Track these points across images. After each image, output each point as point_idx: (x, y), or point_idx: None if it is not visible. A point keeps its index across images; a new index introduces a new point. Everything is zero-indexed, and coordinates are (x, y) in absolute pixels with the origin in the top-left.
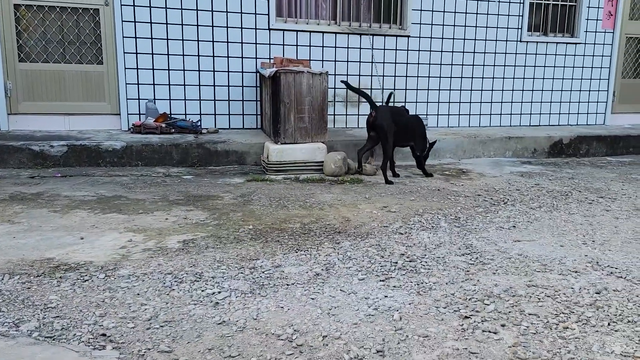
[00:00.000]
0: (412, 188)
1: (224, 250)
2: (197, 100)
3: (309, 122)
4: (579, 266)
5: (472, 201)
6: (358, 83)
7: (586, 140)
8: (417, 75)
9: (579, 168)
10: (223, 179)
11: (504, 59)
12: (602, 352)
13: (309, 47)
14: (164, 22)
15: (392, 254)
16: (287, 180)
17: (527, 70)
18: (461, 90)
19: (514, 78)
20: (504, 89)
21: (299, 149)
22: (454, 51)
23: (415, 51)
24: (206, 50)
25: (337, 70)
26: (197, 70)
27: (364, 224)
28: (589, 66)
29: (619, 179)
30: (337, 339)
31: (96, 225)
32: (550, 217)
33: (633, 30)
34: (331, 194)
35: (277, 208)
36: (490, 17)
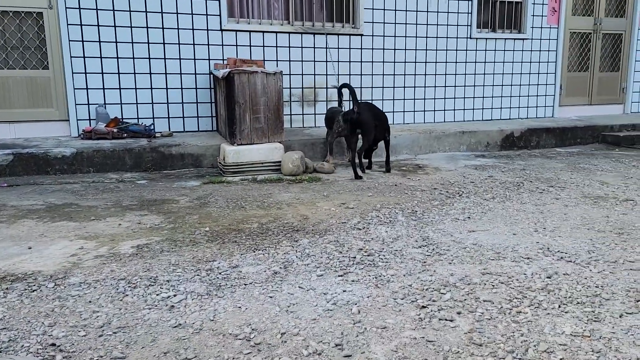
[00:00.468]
0: (369, 184)
1: (180, 253)
2: (149, 103)
3: (265, 122)
4: (530, 253)
5: (428, 195)
6: (313, 82)
7: (536, 133)
8: (371, 73)
9: (530, 159)
10: (179, 182)
11: (455, 56)
12: (553, 333)
13: (262, 47)
14: (112, 24)
15: (350, 249)
16: (245, 181)
17: (478, 66)
18: (415, 87)
19: (465, 74)
20: (456, 84)
21: (256, 150)
22: (407, 49)
23: (369, 49)
24: (157, 52)
25: (291, 70)
26: (149, 73)
27: (322, 221)
28: (537, 61)
29: (567, 168)
30: (296, 335)
31: (45, 234)
32: (503, 207)
33: (576, 26)
34: (289, 193)
35: (235, 209)
36: (441, 14)
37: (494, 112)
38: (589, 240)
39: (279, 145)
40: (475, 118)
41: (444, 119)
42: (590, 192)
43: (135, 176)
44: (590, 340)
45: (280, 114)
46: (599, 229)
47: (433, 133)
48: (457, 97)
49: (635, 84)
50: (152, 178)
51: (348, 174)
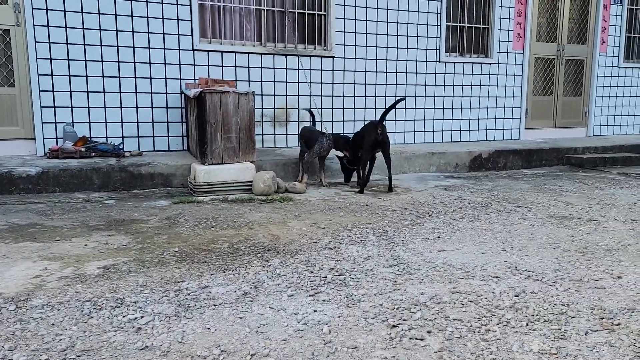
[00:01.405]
0: (341, 204)
1: (148, 274)
2: (119, 122)
3: (236, 142)
4: (499, 271)
5: (399, 215)
6: (285, 103)
7: (503, 154)
8: (342, 95)
9: (497, 180)
10: (148, 202)
11: (424, 79)
12: (521, 351)
13: (234, 67)
14: (82, 42)
15: (321, 268)
16: (216, 201)
17: (447, 89)
18: (376, 108)
19: (434, 97)
20: (426, 107)
21: (227, 169)
22: (377, 71)
23: (340, 71)
24: (127, 71)
25: (264, 90)
26: (119, 92)
27: (293, 241)
28: (503, 84)
29: (534, 189)
30: (266, 357)
31: (7, 255)
32: (472, 227)
33: (540, 51)
34: (260, 212)
35: (205, 229)
36: (410, 38)
37: (463, 134)
38: (555, 259)
39: (250, 165)
40: (444, 140)
41: (414, 140)
42: (555, 212)
43: (103, 196)
44: (557, 357)
45: (252, 134)
46: (565, 248)
47: (403, 154)
48: (427, 118)
49: (596, 108)
50: (120, 198)
51: (320, 194)
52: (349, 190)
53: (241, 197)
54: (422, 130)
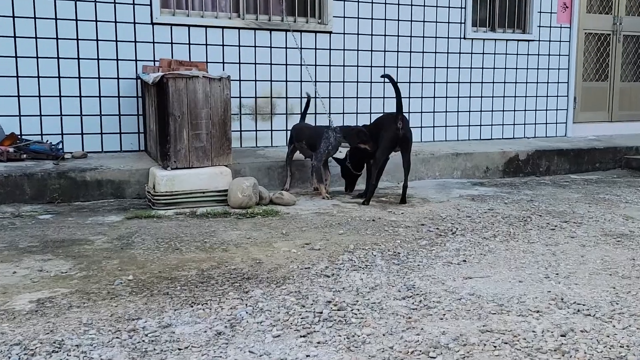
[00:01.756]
0: (341, 219)
1: (94, 309)
2: (57, 115)
3: (207, 140)
4: (541, 305)
5: (414, 232)
6: (270, 90)
7: (546, 156)
8: (342, 80)
9: (538, 188)
10: (94, 217)
11: (446, 60)
12: None
13: (205, 46)
14: (10, 14)
15: (315, 302)
16: (181, 216)
17: (474, 74)
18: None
19: (458, 82)
20: (447, 95)
21: (196, 175)
22: (387, 50)
23: (340, 50)
24: (69, 51)
25: (242, 75)
26: (57, 76)
27: (280, 266)
28: (545, 67)
29: (584, 199)
30: None
31: None
32: (506, 248)
33: (592, 25)
34: (238, 230)
35: (167, 252)
36: (428, 9)
37: (495, 130)
38: (611, 288)
39: (225, 170)
40: (471, 137)
41: (434, 137)
42: (612, 229)
43: (37, 209)
44: None
45: (227, 130)
46: (624, 275)
47: (420, 155)
48: (449, 110)
49: None
50: (59, 212)
51: (314, 206)
52: (351, 202)
53: (213, 210)
54: (443, 125)
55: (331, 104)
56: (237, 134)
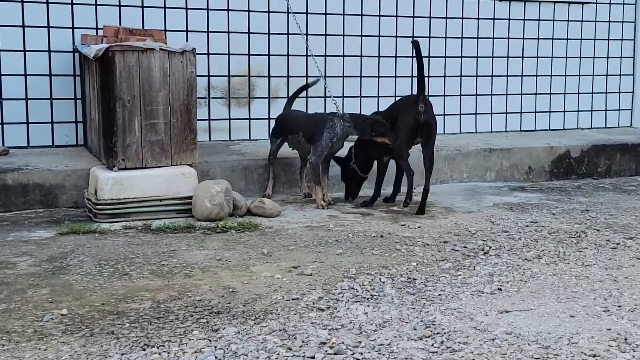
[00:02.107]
0: (339, 235)
1: (16, 353)
2: None
3: (165, 132)
4: (598, 347)
5: (434, 252)
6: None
7: (606, 152)
8: (342, 54)
9: (596, 195)
10: (18, 232)
11: (475, 29)
12: None
13: (163, 9)
14: None
15: (306, 343)
16: (131, 231)
17: (513, 46)
18: (412, 77)
19: (492, 57)
20: (478, 74)
21: (150, 178)
22: (399, 15)
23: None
24: None
25: (211, 47)
26: None
27: (259, 297)
28: (604, 37)
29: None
30: None
31: None
32: (554, 273)
33: None
34: (206, 249)
35: (113, 278)
36: None
37: (539, 119)
38: None
39: (189, 171)
40: (509, 128)
41: (460, 128)
42: None
43: None
44: None
45: (192, 119)
46: None
47: (442, 151)
48: (480, 94)
49: None
50: None
51: (304, 217)
52: (352, 211)
53: (174, 223)
54: (473, 113)
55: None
56: (205, 124)
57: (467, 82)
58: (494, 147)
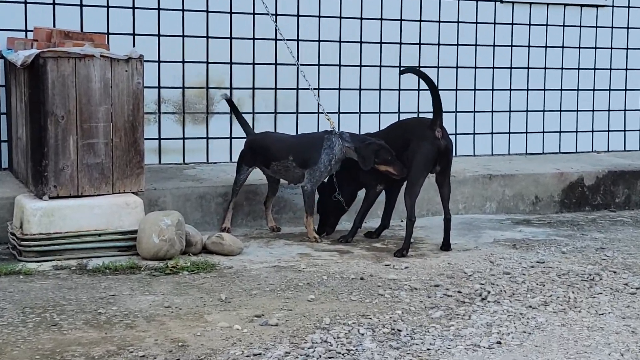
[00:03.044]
0: (311, 277)
1: None
2: None
3: (106, 154)
4: None
5: (423, 298)
6: (206, 77)
7: (625, 179)
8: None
9: (613, 230)
10: None
11: (473, 34)
12: None
13: (105, 8)
14: None
15: None
16: (63, 271)
17: (517, 55)
18: (400, 90)
19: (493, 67)
20: (476, 88)
21: (88, 208)
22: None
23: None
24: None
25: (162, 54)
26: None
27: (215, 352)
28: (623, 46)
29: None
30: None
31: None
32: (563, 322)
33: None
34: (152, 294)
35: (40, 329)
36: None
37: (548, 141)
38: None
39: (134, 200)
40: (512, 150)
41: (455, 151)
42: None
43: None
44: None
45: (138, 139)
46: None
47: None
48: (479, 110)
49: None
50: None
51: (270, 256)
52: (328, 248)
53: (114, 262)
54: (470, 132)
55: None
56: (154, 144)
57: (464, 97)
58: (495, 173)
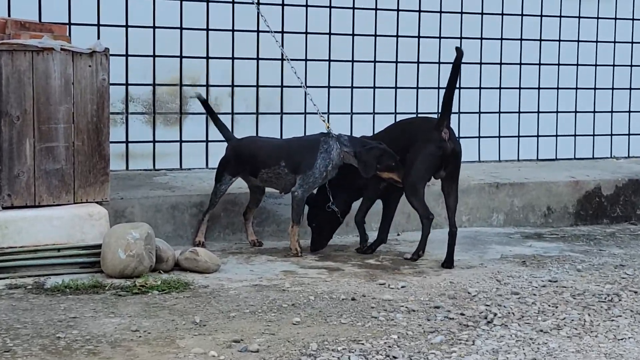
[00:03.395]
0: (296, 297)
1: None
2: None
3: (67, 158)
4: None
5: (422, 321)
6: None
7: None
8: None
9: (635, 245)
10: None
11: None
12: None
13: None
14: None
15: None
16: (18, 291)
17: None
18: (397, 88)
19: (501, 63)
20: (481, 86)
21: (47, 220)
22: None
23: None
24: None
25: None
26: None
27: None
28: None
29: None
30: None
31: None
32: (578, 349)
33: None
34: (118, 316)
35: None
36: None
37: (561, 145)
38: None
39: (98, 211)
40: (522, 156)
41: None
42: None
43: None
44: None
45: (104, 142)
46: None
47: (434, 186)
48: (485, 111)
49: None
50: None
51: (250, 274)
52: (315, 265)
53: (76, 280)
54: (475, 136)
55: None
56: (122, 148)
57: (468, 96)
58: (503, 182)
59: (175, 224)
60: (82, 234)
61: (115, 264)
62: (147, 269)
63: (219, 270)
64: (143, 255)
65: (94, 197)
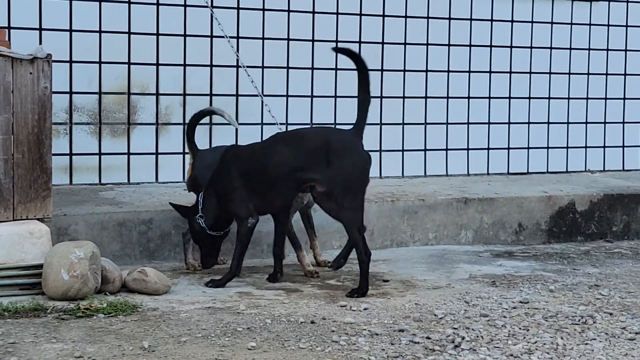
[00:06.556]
0: (252, 319)
1: None
2: None
3: (6, 172)
4: None
5: (385, 345)
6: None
7: (624, 204)
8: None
9: (610, 264)
10: None
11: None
12: None
13: None
14: None
15: None
16: None
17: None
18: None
19: (469, 72)
20: (450, 95)
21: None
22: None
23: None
24: None
25: (75, 53)
26: None
27: None
28: (621, 48)
29: None
30: None
31: None
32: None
33: None
34: (60, 342)
35: None
36: None
37: (534, 158)
38: None
39: (39, 229)
40: (492, 170)
41: (425, 170)
42: None
43: None
44: None
45: (45, 154)
46: None
47: (399, 202)
48: (453, 122)
49: None
50: None
51: (203, 295)
52: (273, 286)
53: (15, 303)
54: (443, 148)
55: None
56: (65, 161)
57: (434, 106)
58: (471, 197)
59: (122, 242)
60: (22, 253)
61: (57, 285)
62: (92, 290)
63: (169, 291)
64: (88, 276)
65: (35, 213)
